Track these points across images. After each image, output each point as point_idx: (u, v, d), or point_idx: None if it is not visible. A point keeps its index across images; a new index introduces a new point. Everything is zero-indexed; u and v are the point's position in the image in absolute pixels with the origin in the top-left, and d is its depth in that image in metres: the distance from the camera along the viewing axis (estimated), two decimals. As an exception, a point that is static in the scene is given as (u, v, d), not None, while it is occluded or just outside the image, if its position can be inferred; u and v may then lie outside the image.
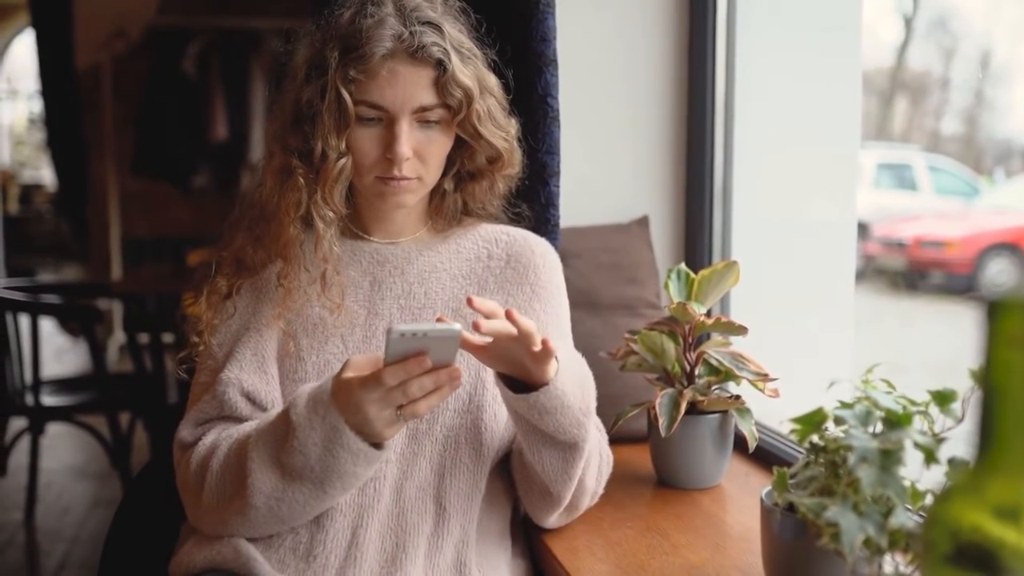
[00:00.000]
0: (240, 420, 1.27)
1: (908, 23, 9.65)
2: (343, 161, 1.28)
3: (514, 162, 1.39)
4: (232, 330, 1.32)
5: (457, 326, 1.07)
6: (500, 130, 1.34)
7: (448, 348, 1.08)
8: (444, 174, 1.37)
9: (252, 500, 1.17)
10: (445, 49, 1.27)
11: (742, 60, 1.89)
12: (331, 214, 1.31)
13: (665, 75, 1.92)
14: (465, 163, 1.38)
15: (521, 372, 1.18)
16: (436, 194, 1.40)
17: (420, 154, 1.29)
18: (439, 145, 1.31)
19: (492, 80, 1.35)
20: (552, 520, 1.34)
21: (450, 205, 1.41)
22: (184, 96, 5.84)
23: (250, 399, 1.27)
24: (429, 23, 1.28)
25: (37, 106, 6.77)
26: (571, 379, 1.19)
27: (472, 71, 1.30)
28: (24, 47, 9.62)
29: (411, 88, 1.26)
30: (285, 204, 1.29)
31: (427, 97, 1.27)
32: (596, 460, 1.33)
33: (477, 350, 1.16)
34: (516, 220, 1.47)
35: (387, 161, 1.27)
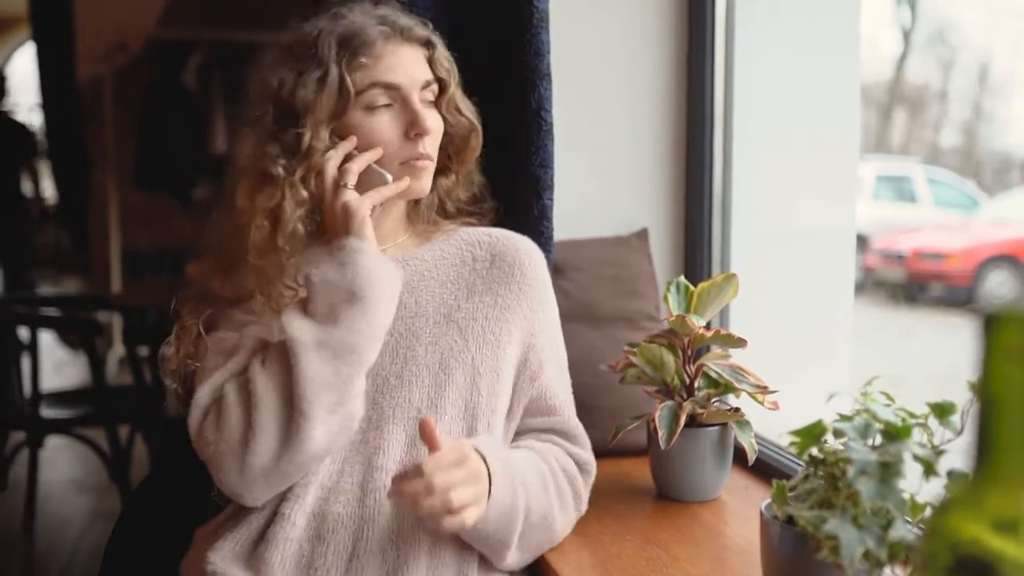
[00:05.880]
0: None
1: (907, 36, 9.67)
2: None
3: (479, 140, 1.43)
4: (228, 342, 1.30)
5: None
6: (469, 106, 1.40)
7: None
8: None
9: (301, 361, 1.17)
10: (426, 28, 1.35)
11: (740, 71, 1.89)
12: (300, 210, 1.28)
13: (664, 88, 1.93)
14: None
15: None
16: None
17: (432, 131, 1.33)
18: (439, 123, 1.35)
19: None
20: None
21: (425, 202, 1.43)
22: (185, 108, 5.86)
23: None
24: (400, 13, 1.35)
25: (38, 118, 6.79)
26: (497, 513, 1.21)
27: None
28: (25, 59, 9.66)
29: (415, 64, 1.31)
30: (254, 210, 1.27)
31: (427, 72, 1.33)
32: (555, 510, 1.32)
33: None
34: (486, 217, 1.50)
35: (410, 142, 1.30)
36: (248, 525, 1.26)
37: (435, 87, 1.34)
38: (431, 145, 1.32)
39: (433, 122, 1.32)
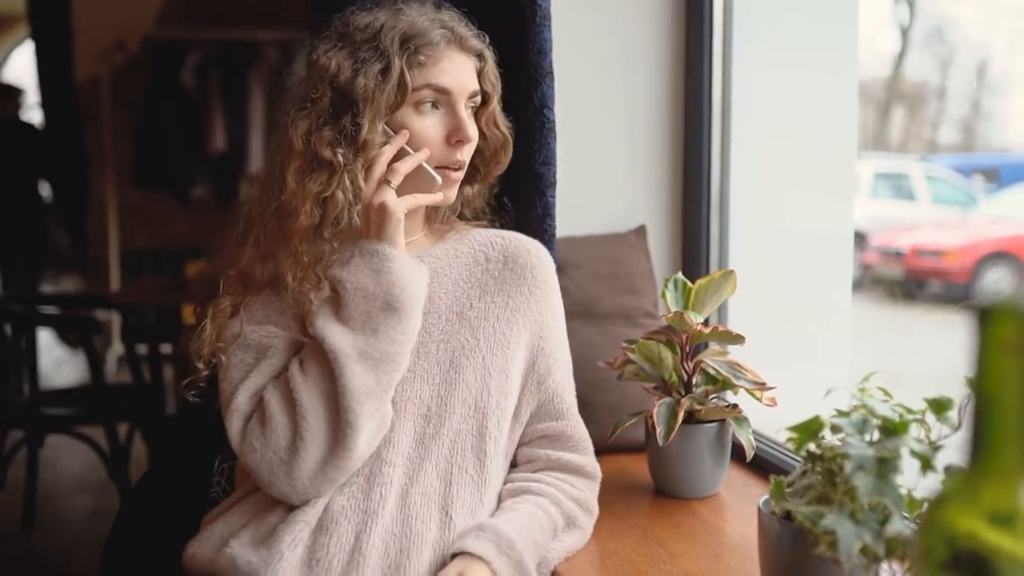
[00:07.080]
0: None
1: (905, 33, 9.67)
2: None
3: (509, 154, 1.44)
4: (254, 338, 1.30)
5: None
6: (505, 121, 1.42)
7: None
8: None
9: (345, 373, 1.19)
10: (481, 40, 1.36)
11: (738, 69, 1.89)
12: (356, 203, 1.29)
13: (662, 85, 1.93)
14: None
15: None
16: None
17: (472, 140, 1.34)
18: (477, 133, 1.36)
19: None
20: None
21: (444, 207, 1.44)
22: (183, 108, 5.85)
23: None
24: (458, 20, 1.35)
25: (36, 117, 6.78)
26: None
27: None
28: (23, 58, 9.64)
29: (466, 73, 1.33)
30: (304, 194, 1.27)
31: (475, 83, 1.34)
32: (565, 548, 1.33)
33: None
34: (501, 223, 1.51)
35: (449, 148, 1.31)
36: (270, 514, 1.26)
37: (478, 99, 1.35)
38: (467, 154, 1.34)
39: (473, 131, 1.33)
